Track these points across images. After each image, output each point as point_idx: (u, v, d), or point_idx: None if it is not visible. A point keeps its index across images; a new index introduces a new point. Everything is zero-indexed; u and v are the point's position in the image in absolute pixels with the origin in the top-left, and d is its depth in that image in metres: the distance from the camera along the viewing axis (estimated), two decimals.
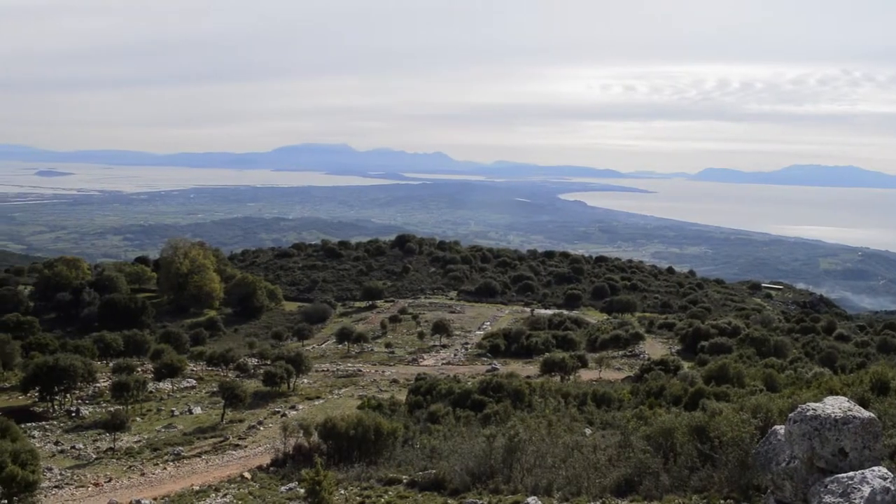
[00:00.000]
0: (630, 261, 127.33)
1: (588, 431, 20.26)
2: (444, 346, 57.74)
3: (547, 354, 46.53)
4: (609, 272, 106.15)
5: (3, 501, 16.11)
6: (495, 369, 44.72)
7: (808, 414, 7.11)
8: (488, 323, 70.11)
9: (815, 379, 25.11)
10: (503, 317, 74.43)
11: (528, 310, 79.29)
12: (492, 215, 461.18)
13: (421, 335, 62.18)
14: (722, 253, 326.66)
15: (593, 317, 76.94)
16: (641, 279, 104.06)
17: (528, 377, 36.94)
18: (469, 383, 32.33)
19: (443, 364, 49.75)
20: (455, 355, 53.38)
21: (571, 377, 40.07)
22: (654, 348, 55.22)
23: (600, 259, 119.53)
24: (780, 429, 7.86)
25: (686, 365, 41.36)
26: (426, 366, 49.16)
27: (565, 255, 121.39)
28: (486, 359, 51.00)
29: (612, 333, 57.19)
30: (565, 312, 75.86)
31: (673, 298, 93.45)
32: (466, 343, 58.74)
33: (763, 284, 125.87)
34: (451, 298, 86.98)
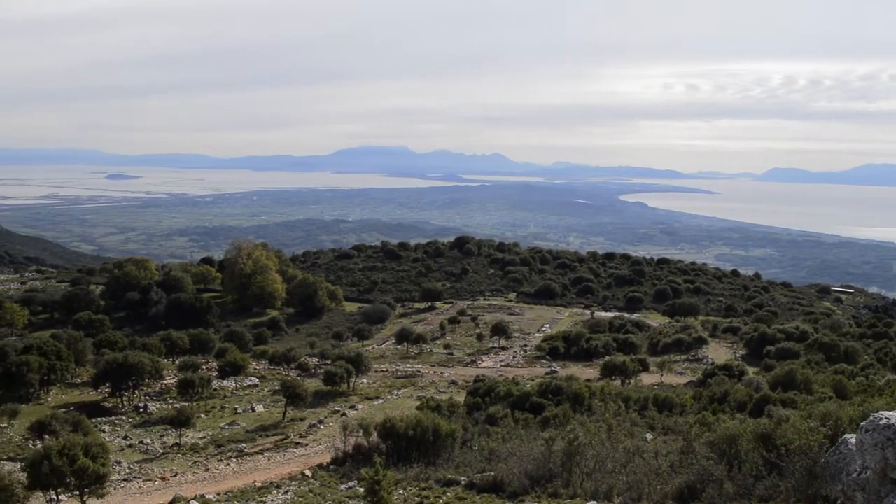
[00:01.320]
0: (693, 263, 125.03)
1: (649, 437, 19.97)
2: (502, 348, 57.59)
3: (607, 358, 46.10)
4: (671, 274, 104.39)
5: (75, 492, 16.66)
6: (554, 372, 44.43)
7: (881, 423, 6.87)
8: (547, 325, 69.65)
9: (888, 386, 24.31)
10: (563, 319, 73.84)
11: (587, 312, 78.52)
12: (551, 217, 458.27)
13: (480, 337, 62.12)
14: (789, 255, 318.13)
15: (655, 320, 75.76)
16: (705, 282, 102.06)
17: (588, 380, 36.59)
18: (528, 386, 32.16)
19: (501, 366, 49.63)
20: (514, 357, 53.18)
21: (632, 381, 39.56)
22: (718, 353, 54.09)
23: (662, 261, 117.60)
24: (851, 438, 7.63)
25: (751, 370, 40.45)
26: (485, 367, 49.10)
27: (626, 256, 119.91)
28: (545, 361, 50.70)
29: (675, 337, 56.25)
30: (626, 315, 74.87)
31: (737, 302, 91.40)
32: (525, 345, 58.46)
33: (832, 288, 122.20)
34: (510, 300, 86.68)
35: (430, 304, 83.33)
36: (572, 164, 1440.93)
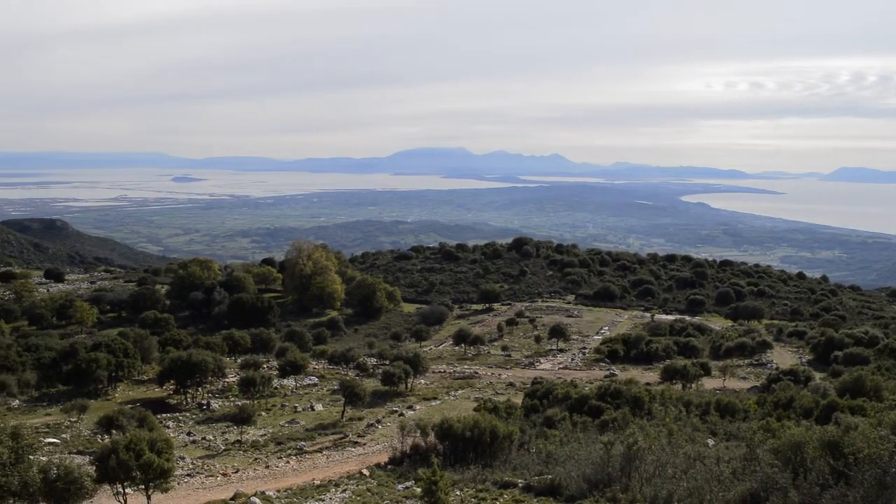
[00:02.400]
0: (757, 265, 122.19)
1: (711, 442, 19.60)
2: (560, 351, 57.18)
3: (668, 361, 45.38)
4: (734, 277, 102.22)
5: (140, 486, 17.09)
6: (613, 375, 43.92)
7: None
8: (606, 328, 68.89)
9: None
10: (622, 322, 72.96)
11: (647, 315, 77.41)
12: (610, 218, 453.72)
13: (538, 339, 61.81)
14: (858, 258, 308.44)
15: (717, 323, 74.26)
16: (769, 284, 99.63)
17: (648, 384, 36.02)
18: (586, 388, 31.85)
19: (559, 368, 49.28)
20: (572, 360, 52.75)
21: (693, 385, 38.87)
22: (783, 357, 52.71)
23: (725, 263, 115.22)
24: None
25: (818, 376, 39.34)
26: (543, 370, 48.83)
27: (687, 258, 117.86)
28: (604, 364, 50.15)
29: (738, 341, 55.00)
30: (687, 318, 73.58)
31: (803, 305, 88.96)
32: (584, 348, 57.93)
33: None
34: (569, 302, 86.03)
35: (487, 305, 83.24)
36: (632, 164, 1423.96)
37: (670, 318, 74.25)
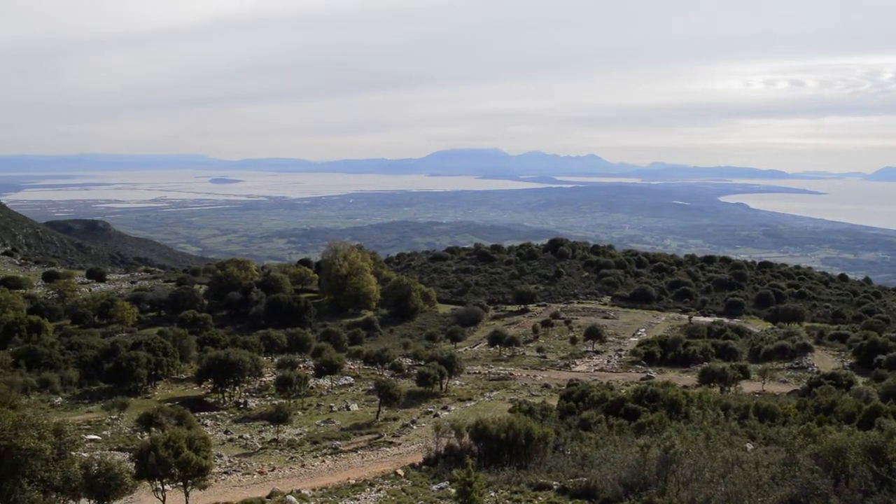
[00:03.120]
0: (797, 267, 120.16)
1: (749, 446, 19.33)
2: (596, 352, 56.79)
3: (706, 364, 44.83)
4: (774, 278, 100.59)
5: (179, 483, 17.33)
6: (650, 378, 43.51)
7: None
8: (643, 329, 68.27)
9: None
10: (659, 324, 72.25)
11: (685, 317, 76.53)
12: (647, 219, 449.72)
13: (573, 340, 61.46)
14: None
15: (756, 326, 73.15)
16: (810, 286, 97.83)
17: (686, 387, 35.66)
18: (623, 391, 31.62)
19: (595, 370, 48.96)
20: (608, 362, 52.37)
21: (732, 389, 38.36)
22: (824, 361, 51.75)
23: (764, 264, 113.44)
24: None
25: (860, 380, 38.55)
26: (578, 371, 48.54)
27: (726, 260, 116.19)
28: (640, 366, 49.71)
29: (777, 344, 54.14)
30: (726, 320, 72.59)
31: (846, 308, 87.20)
32: (620, 350, 57.47)
33: None
34: (605, 304, 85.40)
35: (523, 306, 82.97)
36: (669, 164, 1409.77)
37: (708, 320, 73.34)
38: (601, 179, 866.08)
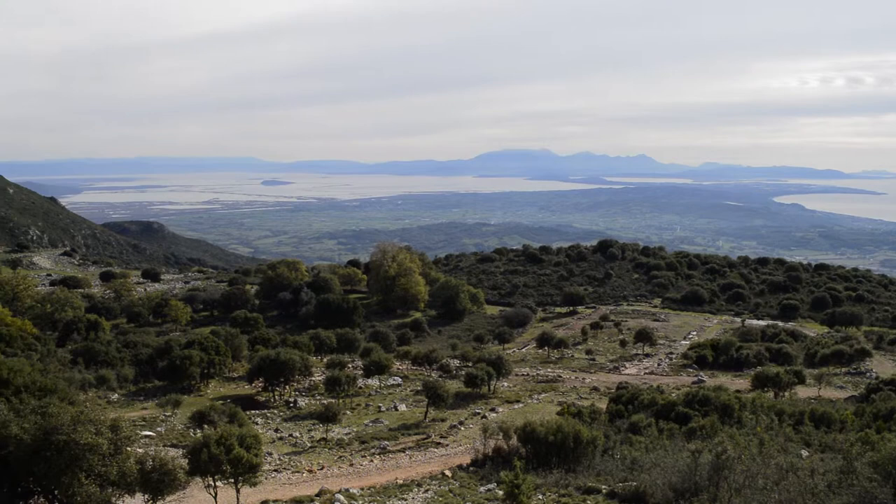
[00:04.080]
0: (855, 269, 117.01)
1: (804, 453, 18.88)
2: (646, 355, 56.12)
3: (759, 368, 44.00)
4: (831, 281, 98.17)
5: (230, 480, 17.60)
6: (702, 381, 42.82)
7: None
8: (694, 332, 67.24)
9: None
10: (711, 326, 71.07)
11: (738, 320, 75.16)
12: (699, 220, 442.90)
13: (623, 343, 60.84)
14: None
15: (812, 329, 71.50)
16: (869, 289, 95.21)
17: (738, 391, 34.98)
18: (673, 395, 31.17)
19: (645, 373, 48.40)
20: (658, 365, 51.70)
21: (786, 394, 37.51)
22: (884, 366, 50.29)
23: (821, 267, 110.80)
24: None
25: None
26: (628, 374, 48.04)
27: (780, 262, 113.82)
28: (691, 370, 48.97)
29: (834, 348, 52.81)
30: (780, 324, 71.11)
31: None
32: (671, 353, 56.70)
33: None
34: (655, 306, 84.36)
35: (571, 308, 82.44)
36: (722, 164, 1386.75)
37: (762, 323, 71.93)
38: (652, 180, 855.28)
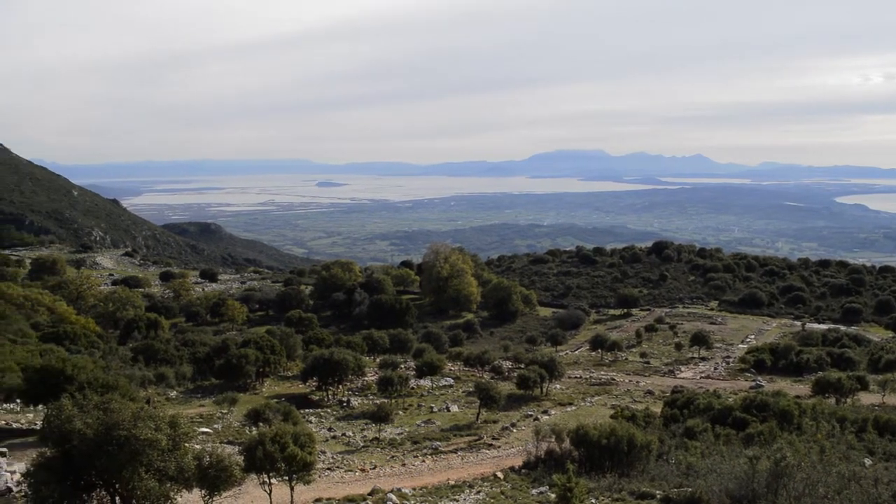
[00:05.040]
0: None
1: (868, 462, 18.35)
2: (702, 359, 55.14)
3: (820, 373, 42.90)
4: None
5: (285, 477, 17.86)
6: (760, 386, 41.89)
7: None
8: (752, 336, 65.85)
9: None
10: (770, 330, 69.52)
11: (798, 323, 73.36)
12: (757, 221, 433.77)
13: (678, 346, 59.92)
14: None
15: (875, 334, 69.38)
16: None
17: (798, 397, 34.11)
18: (730, 399, 30.58)
19: (701, 377, 47.58)
20: (715, 369, 50.78)
21: (849, 400, 36.44)
22: None
23: (885, 269, 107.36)
24: None
25: None
26: (683, 378, 47.30)
27: (843, 264, 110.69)
28: (749, 374, 47.96)
29: None
30: (842, 328, 69.15)
31: None
32: (728, 357, 55.62)
33: None
34: (712, 309, 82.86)
35: (625, 310, 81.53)
36: (781, 164, 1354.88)
37: (823, 327, 70.08)
38: (708, 180, 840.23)
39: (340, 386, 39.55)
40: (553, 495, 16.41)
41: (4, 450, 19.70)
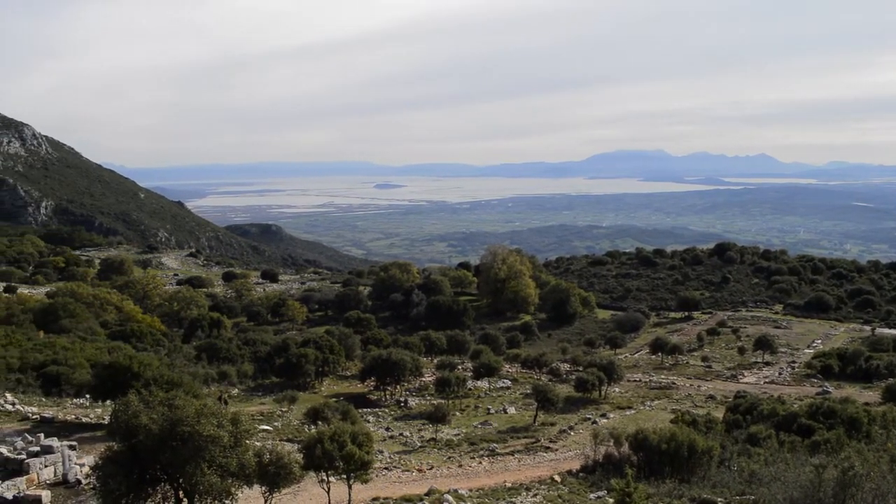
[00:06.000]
0: None
1: None
2: (766, 364, 53.86)
3: (891, 380, 41.51)
4: None
5: (342, 476, 18.06)
6: (826, 392, 40.72)
7: None
8: (819, 341, 64.03)
9: None
10: (837, 335, 67.48)
11: (867, 328, 71.03)
12: (824, 222, 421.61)
13: (741, 350, 58.64)
14: None
15: None
16: None
17: (867, 404, 33.05)
18: (795, 406, 29.81)
19: (765, 382, 46.51)
20: (779, 374, 49.56)
21: None
22: None
23: None
24: None
25: None
26: (746, 383, 46.31)
27: None
28: (815, 380, 46.65)
29: None
30: None
31: None
32: (793, 362, 54.21)
33: None
34: (776, 312, 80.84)
35: (686, 313, 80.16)
36: (850, 163, 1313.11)
37: (894, 332, 67.70)
38: (772, 180, 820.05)
39: (398, 386, 39.84)
40: (611, 500, 16.23)
41: (74, 443, 20.36)
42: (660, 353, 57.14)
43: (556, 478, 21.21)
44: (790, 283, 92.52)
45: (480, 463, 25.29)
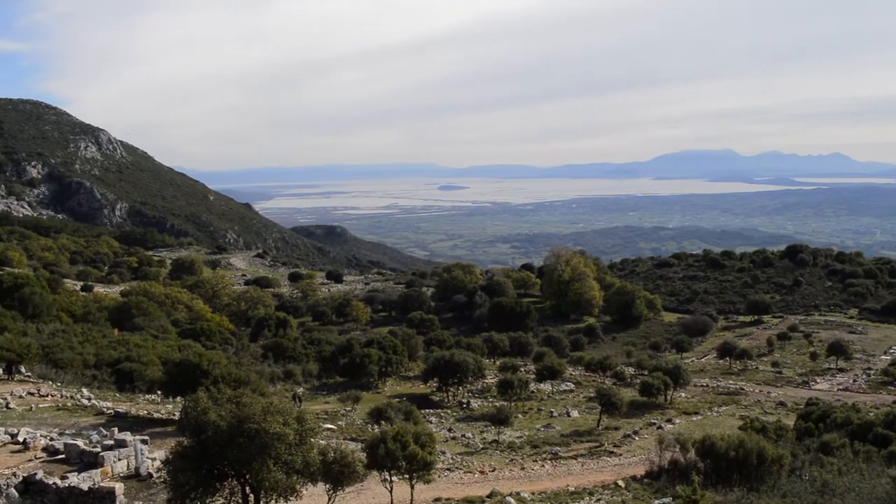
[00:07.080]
0: None
1: None
2: (840, 370, 52.18)
3: None
4: None
5: (405, 475, 18.17)
6: None
7: None
8: None
9: None
10: None
11: None
12: None
13: (813, 356, 56.96)
14: None
15: None
16: None
17: None
18: (871, 414, 28.82)
19: (839, 390, 45.07)
20: (854, 381, 47.93)
21: None
22: None
23: None
24: None
25: None
26: (819, 390, 44.95)
27: None
28: (892, 388, 45.00)
29: None
30: None
31: None
32: (869, 368, 52.38)
33: None
34: (851, 317, 78.33)
35: (756, 317, 78.36)
36: None
37: None
38: (847, 180, 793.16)
39: (460, 387, 39.90)
40: None
41: (146, 438, 20.96)
42: (728, 358, 55.99)
43: (620, 483, 20.94)
44: (866, 286, 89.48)
45: (543, 466, 25.13)
